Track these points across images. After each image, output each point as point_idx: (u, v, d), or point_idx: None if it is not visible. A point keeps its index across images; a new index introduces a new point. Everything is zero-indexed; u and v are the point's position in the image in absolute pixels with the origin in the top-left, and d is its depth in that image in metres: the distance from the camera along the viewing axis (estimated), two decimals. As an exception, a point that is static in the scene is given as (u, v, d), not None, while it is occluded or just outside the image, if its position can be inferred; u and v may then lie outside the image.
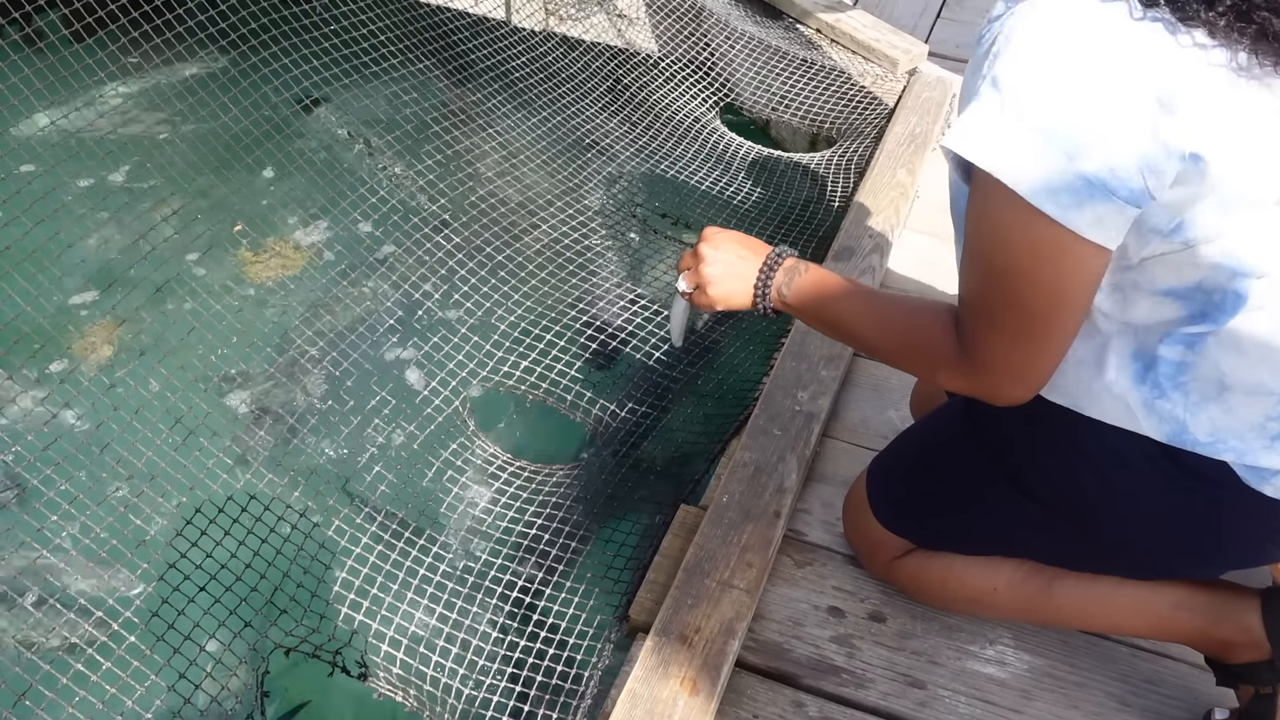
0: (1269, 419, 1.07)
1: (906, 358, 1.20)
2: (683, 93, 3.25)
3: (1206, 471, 1.11)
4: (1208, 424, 1.09)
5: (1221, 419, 1.08)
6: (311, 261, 2.28)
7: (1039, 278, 0.97)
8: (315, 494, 1.97)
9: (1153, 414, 1.11)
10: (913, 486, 1.51)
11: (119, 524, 1.69)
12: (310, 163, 2.71)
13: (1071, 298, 0.99)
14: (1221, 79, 0.89)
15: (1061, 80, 0.90)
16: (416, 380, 2.11)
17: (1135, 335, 1.10)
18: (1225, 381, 1.07)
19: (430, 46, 2.76)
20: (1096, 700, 1.49)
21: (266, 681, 1.68)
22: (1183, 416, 1.09)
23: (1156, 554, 1.28)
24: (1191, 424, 1.09)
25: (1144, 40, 0.88)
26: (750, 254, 1.31)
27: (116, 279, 2.35)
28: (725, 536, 1.63)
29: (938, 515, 1.46)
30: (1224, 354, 1.06)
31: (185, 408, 1.99)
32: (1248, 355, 1.05)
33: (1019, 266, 0.97)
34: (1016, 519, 1.34)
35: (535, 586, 1.73)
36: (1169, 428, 1.11)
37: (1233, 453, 1.09)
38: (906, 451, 1.56)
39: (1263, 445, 1.08)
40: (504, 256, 2.40)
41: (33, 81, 2.01)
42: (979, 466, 1.37)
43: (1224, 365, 1.06)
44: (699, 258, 1.33)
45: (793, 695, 1.50)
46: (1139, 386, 1.11)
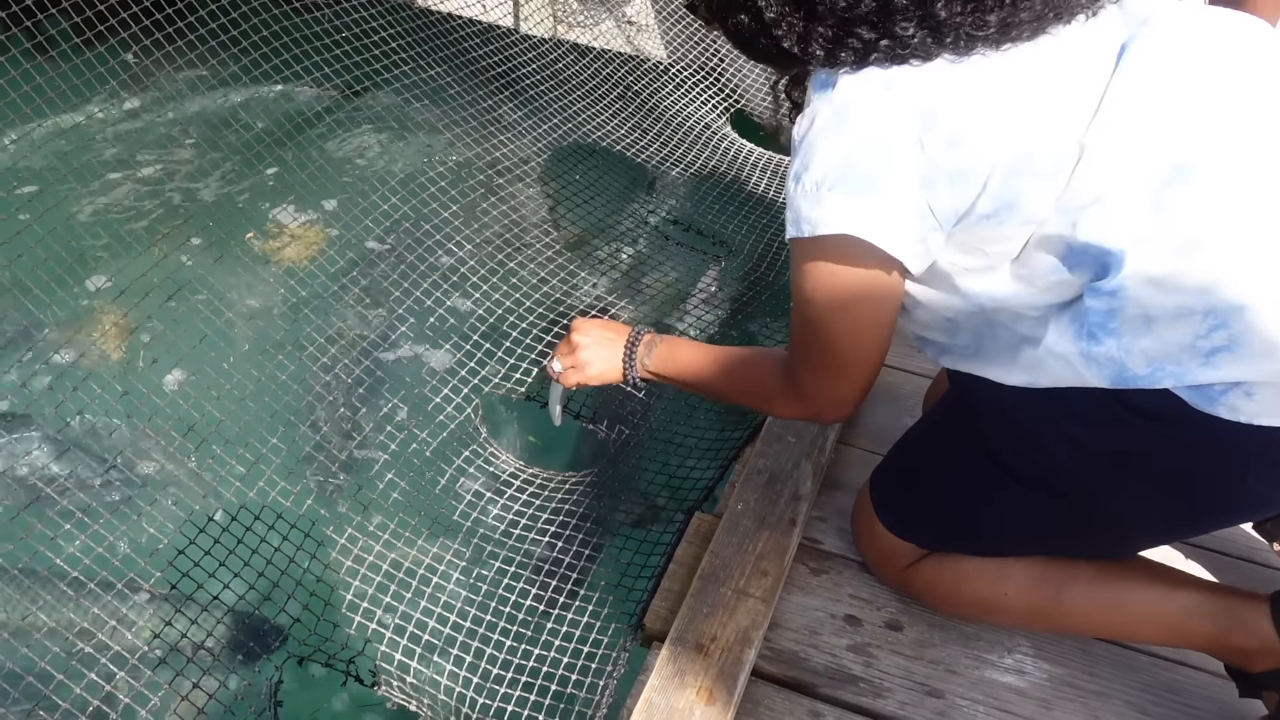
0: (1198, 338, 1.08)
1: (746, 397, 1.46)
2: (692, 99, 3.25)
3: (1152, 408, 1.13)
4: (1142, 356, 1.10)
5: (1154, 348, 1.10)
6: (323, 267, 2.28)
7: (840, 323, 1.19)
8: (327, 501, 1.97)
9: (1092, 362, 1.13)
10: (913, 488, 1.51)
11: (131, 532, 1.69)
12: (321, 169, 2.70)
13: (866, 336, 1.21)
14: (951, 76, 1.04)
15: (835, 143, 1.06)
16: (428, 387, 2.10)
17: (1064, 305, 1.16)
18: (1150, 314, 1.09)
19: (441, 54, 2.76)
20: (1117, 710, 1.48)
21: (280, 691, 1.67)
22: (1119, 356, 1.11)
23: (1143, 514, 1.28)
24: (1129, 360, 1.11)
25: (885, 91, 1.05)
26: (615, 336, 1.56)
27: (128, 286, 2.35)
28: (740, 544, 1.63)
29: (936, 512, 1.46)
30: (1141, 291, 1.08)
31: (197, 415, 1.99)
32: (1162, 285, 1.07)
33: (820, 317, 1.18)
34: (1013, 506, 1.35)
35: (549, 595, 1.72)
36: (1109, 370, 1.13)
37: (1171, 377, 1.10)
38: (901, 454, 1.57)
39: (1198, 364, 1.09)
40: (515, 263, 2.39)
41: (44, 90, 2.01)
42: (968, 458, 1.38)
43: (1145, 300, 1.08)
44: (572, 345, 1.58)
45: (810, 705, 1.49)
46: (1077, 342, 1.14)
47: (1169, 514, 1.27)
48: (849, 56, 1.05)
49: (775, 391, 1.36)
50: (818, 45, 1.07)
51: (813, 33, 1.06)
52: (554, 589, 1.73)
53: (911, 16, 1.01)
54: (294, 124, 2.47)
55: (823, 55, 1.07)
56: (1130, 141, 1.05)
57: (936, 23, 1.01)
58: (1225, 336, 1.07)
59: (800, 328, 1.24)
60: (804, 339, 1.25)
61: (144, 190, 2.90)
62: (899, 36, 1.02)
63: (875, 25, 1.03)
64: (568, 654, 1.62)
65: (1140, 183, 1.06)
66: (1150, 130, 1.06)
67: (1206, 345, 1.08)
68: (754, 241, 2.69)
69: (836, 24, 1.04)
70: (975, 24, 1.01)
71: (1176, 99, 1.07)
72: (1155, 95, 1.06)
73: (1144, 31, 1.09)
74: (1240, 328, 1.06)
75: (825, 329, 1.20)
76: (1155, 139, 1.06)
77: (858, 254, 1.11)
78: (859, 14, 1.03)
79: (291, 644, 1.70)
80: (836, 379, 1.26)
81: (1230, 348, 1.07)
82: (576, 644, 1.63)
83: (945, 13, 1.01)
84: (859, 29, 1.03)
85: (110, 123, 3.01)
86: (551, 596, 1.73)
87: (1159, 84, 1.07)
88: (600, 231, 2.60)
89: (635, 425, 2.11)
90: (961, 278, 1.19)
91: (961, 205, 1.09)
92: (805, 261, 1.15)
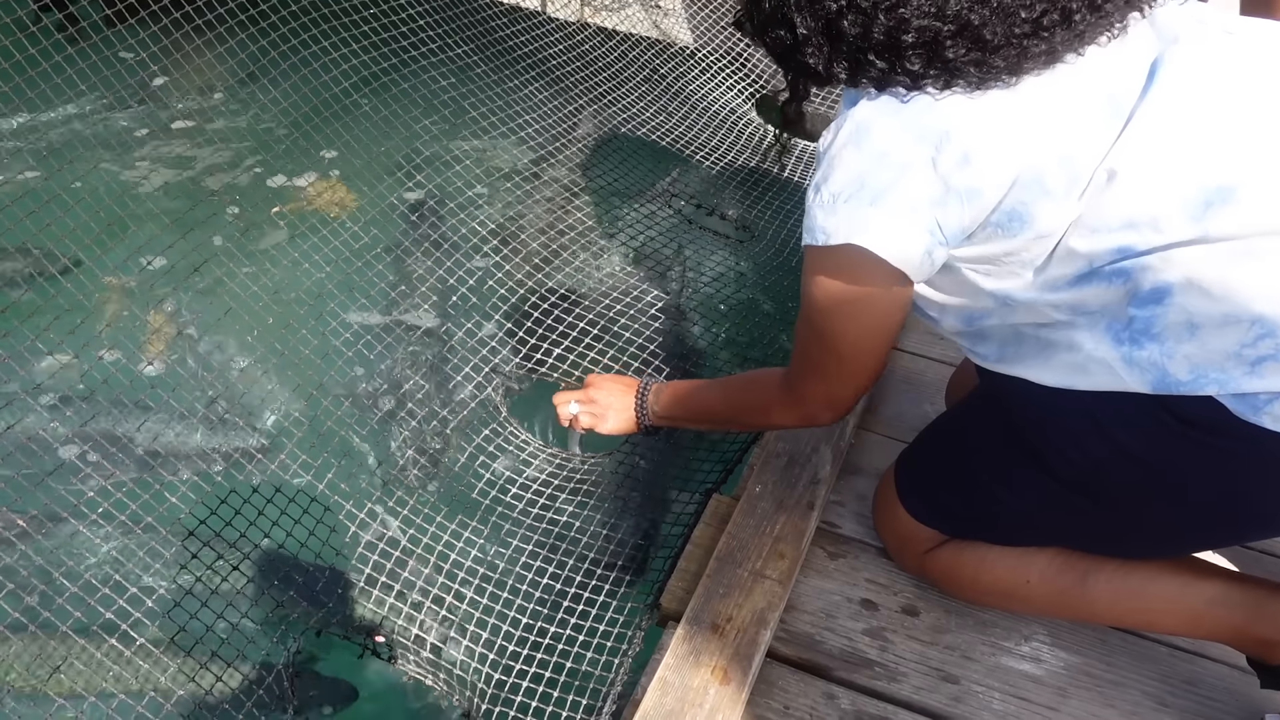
0: (1244, 346, 1.06)
1: (747, 414, 1.55)
2: (718, 83, 3.24)
3: (1203, 418, 1.11)
4: (1185, 362, 1.09)
5: (1198, 354, 1.09)
6: (346, 244, 2.28)
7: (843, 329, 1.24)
8: (347, 476, 1.98)
9: (1134, 367, 1.12)
10: (940, 476, 1.50)
11: (154, 502, 1.70)
12: (347, 146, 2.71)
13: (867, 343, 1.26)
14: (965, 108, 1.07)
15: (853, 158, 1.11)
16: (449, 365, 2.10)
17: (1104, 313, 1.15)
18: (1194, 321, 1.08)
19: (468, 33, 2.76)
20: (1133, 700, 1.47)
21: (297, 662, 1.68)
22: (1161, 361, 1.10)
23: (1182, 519, 1.26)
24: (1171, 366, 1.10)
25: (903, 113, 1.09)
26: (626, 390, 1.74)
27: (153, 260, 2.37)
28: (758, 526, 1.63)
29: (966, 504, 1.45)
30: (1186, 297, 1.07)
31: (221, 387, 2.00)
32: (1208, 294, 1.06)
33: (826, 322, 1.24)
34: (1043, 503, 1.33)
35: (565, 573, 1.72)
36: (1151, 375, 1.11)
37: (1215, 384, 1.08)
38: (932, 442, 1.56)
39: (1243, 372, 1.07)
40: (538, 244, 2.39)
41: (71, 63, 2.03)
42: (1003, 452, 1.36)
43: (1190, 307, 1.07)
44: (590, 399, 1.76)
45: (825, 687, 1.49)
46: (1118, 346, 1.13)
47: (1209, 521, 1.26)
48: (869, 81, 1.11)
49: (774, 401, 1.45)
50: (840, 68, 1.12)
51: (836, 56, 1.11)
52: (570, 568, 1.73)
53: (919, 55, 1.05)
54: (320, 99, 2.48)
55: (845, 77, 1.12)
56: (1165, 162, 1.06)
57: (944, 63, 1.05)
58: (1272, 345, 1.05)
59: (805, 333, 1.30)
60: (807, 344, 1.31)
61: (168, 165, 2.92)
62: (910, 71, 1.06)
63: (887, 59, 1.07)
64: (583, 632, 1.63)
65: (1178, 203, 1.06)
66: (1187, 150, 1.06)
67: (1253, 354, 1.06)
68: (777, 226, 2.68)
69: (853, 52, 1.09)
70: (982, 68, 1.05)
71: (1213, 117, 1.07)
72: (1190, 114, 1.07)
73: (1175, 50, 1.09)
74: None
75: (829, 334, 1.25)
76: (1192, 159, 1.06)
77: (865, 264, 1.14)
78: (871, 45, 1.07)
79: (310, 617, 1.72)
80: (834, 382, 1.33)
81: (1277, 357, 1.05)
82: (592, 622, 1.64)
83: (952, 55, 1.04)
84: (873, 58, 1.08)
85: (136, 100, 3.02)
86: (568, 575, 1.74)
87: (1193, 103, 1.07)
88: (623, 214, 2.60)
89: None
90: (986, 282, 1.20)
91: (972, 221, 1.12)
92: (816, 268, 1.20)
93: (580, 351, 2.13)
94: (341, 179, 2.91)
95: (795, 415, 1.43)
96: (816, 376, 1.34)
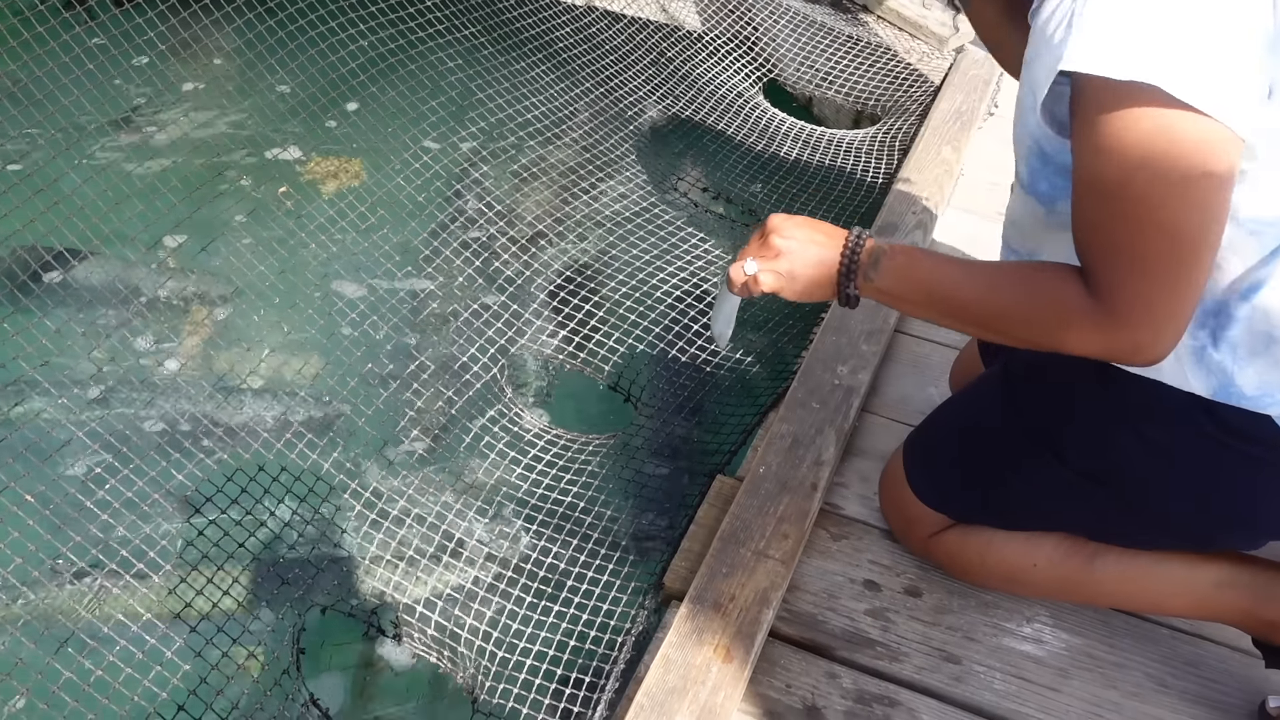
0: None
1: (1031, 325, 1.08)
2: (726, 68, 3.23)
3: (1247, 429, 1.09)
4: (1255, 377, 1.07)
5: (1270, 372, 1.06)
6: (353, 224, 2.29)
7: (1187, 193, 0.90)
8: (353, 456, 1.99)
9: (1201, 365, 1.08)
10: (950, 460, 1.50)
11: (160, 478, 1.71)
12: (354, 126, 2.72)
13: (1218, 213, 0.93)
14: None
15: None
16: (454, 347, 2.11)
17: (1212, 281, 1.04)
18: (1275, 335, 1.04)
19: (475, 14, 2.75)
20: (1135, 681, 1.48)
21: (302, 639, 1.69)
22: (1230, 369, 1.07)
23: (1197, 519, 1.25)
24: (1239, 376, 1.07)
25: None
26: (826, 239, 1.19)
27: (160, 239, 2.37)
28: (761, 507, 1.63)
29: (975, 488, 1.45)
30: (1276, 306, 1.03)
31: (227, 367, 2.01)
32: None
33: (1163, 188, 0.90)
34: (1054, 489, 1.33)
35: (570, 553, 1.73)
36: (1216, 380, 1.08)
37: (1279, 406, 1.07)
38: (943, 425, 1.55)
39: None
40: (545, 226, 2.39)
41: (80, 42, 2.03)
42: (1016, 437, 1.35)
43: (1275, 318, 1.04)
44: (770, 248, 1.20)
45: (827, 666, 1.49)
46: (1198, 332, 1.07)
47: (1229, 525, 1.26)
48: None
49: (1075, 314, 1.02)
50: None
51: None
52: (575, 547, 1.74)
53: None
54: (328, 79, 2.48)
55: None
56: None
57: None
58: None
59: (1119, 217, 0.95)
60: (1127, 231, 0.95)
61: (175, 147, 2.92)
62: None
63: None
64: (587, 610, 1.63)
65: None
66: None
67: None
68: (783, 210, 2.67)
69: None
70: None
71: None
72: None
73: None
74: None
75: (1168, 204, 0.91)
76: None
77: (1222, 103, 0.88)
78: None
79: (315, 594, 1.73)
80: (1173, 292, 0.95)
81: None
82: (596, 601, 1.65)
83: None
84: None
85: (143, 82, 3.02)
86: (573, 555, 1.74)
87: None
88: (629, 196, 2.60)
89: (660, 389, 2.11)
90: None
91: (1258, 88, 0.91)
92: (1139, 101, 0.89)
93: (585, 334, 2.13)
94: (348, 159, 2.90)
95: (1109, 339, 1.01)
96: (1151, 280, 0.95)
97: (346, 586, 1.72)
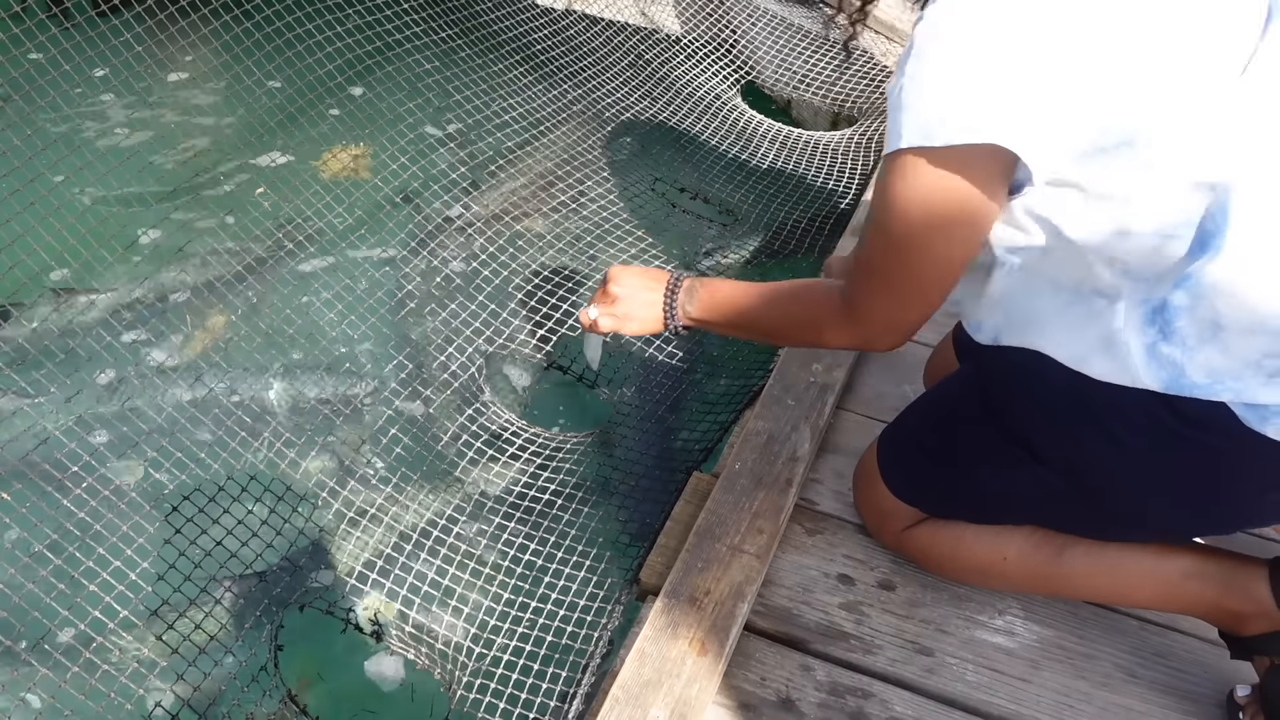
0: (1265, 356, 1.07)
1: (795, 330, 1.36)
2: (704, 70, 3.25)
3: (1205, 418, 1.11)
4: (1204, 365, 1.09)
5: (1218, 360, 1.08)
6: (331, 225, 2.30)
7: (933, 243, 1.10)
8: (331, 455, 1.99)
9: (1153, 359, 1.11)
10: (923, 454, 1.51)
11: (138, 479, 1.71)
12: (332, 129, 2.72)
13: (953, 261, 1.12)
14: None
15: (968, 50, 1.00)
16: (432, 345, 2.12)
17: (1146, 285, 1.11)
18: (1220, 322, 1.06)
19: (453, 16, 2.76)
20: (1104, 671, 1.49)
21: (280, 636, 1.70)
22: (1180, 360, 1.09)
23: (1163, 511, 1.27)
24: (1189, 367, 1.09)
25: None
26: (655, 283, 1.47)
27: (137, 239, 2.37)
28: (737, 503, 1.64)
29: (946, 482, 1.46)
30: (1218, 295, 1.05)
31: (205, 366, 2.01)
32: (1240, 294, 1.05)
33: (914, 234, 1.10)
34: (1024, 483, 1.34)
35: (547, 550, 1.74)
36: (1167, 373, 1.11)
37: (1230, 392, 1.08)
38: (917, 420, 1.56)
39: (1260, 383, 1.07)
40: (522, 226, 2.40)
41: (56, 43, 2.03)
42: (986, 431, 1.37)
43: (1219, 306, 1.06)
44: (609, 295, 1.48)
45: (801, 659, 1.51)
46: (1147, 329, 1.11)
47: (1192, 515, 1.27)
48: None
49: (830, 317, 1.27)
50: None
51: None
52: (552, 544, 1.75)
53: None
54: (305, 81, 2.48)
55: None
56: None
57: None
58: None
59: (881, 245, 1.15)
60: (883, 257, 1.16)
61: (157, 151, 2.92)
62: None
63: None
64: (564, 606, 1.64)
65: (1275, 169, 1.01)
66: None
67: (1272, 365, 1.07)
68: (760, 211, 2.69)
69: None
70: None
71: None
72: None
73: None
74: None
75: (913, 247, 1.11)
76: None
77: (975, 165, 1.03)
78: None
79: (293, 593, 1.73)
80: (905, 303, 1.18)
81: None
82: (573, 597, 1.66)
83: None
84: None
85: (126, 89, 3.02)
86: (550, 552, 1.75)
87: None
88: (608, 197, 2.61)
89: (637, 387, 2.12)
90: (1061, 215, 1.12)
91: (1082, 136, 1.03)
92: (911, 172, 1.06)
93: (563, 334, 2.14)
94: (326, 162, 2.91)
95: (852, 335, 1.26)
96: (887, 295, 1.18)
97: (324, 584, 1.73)
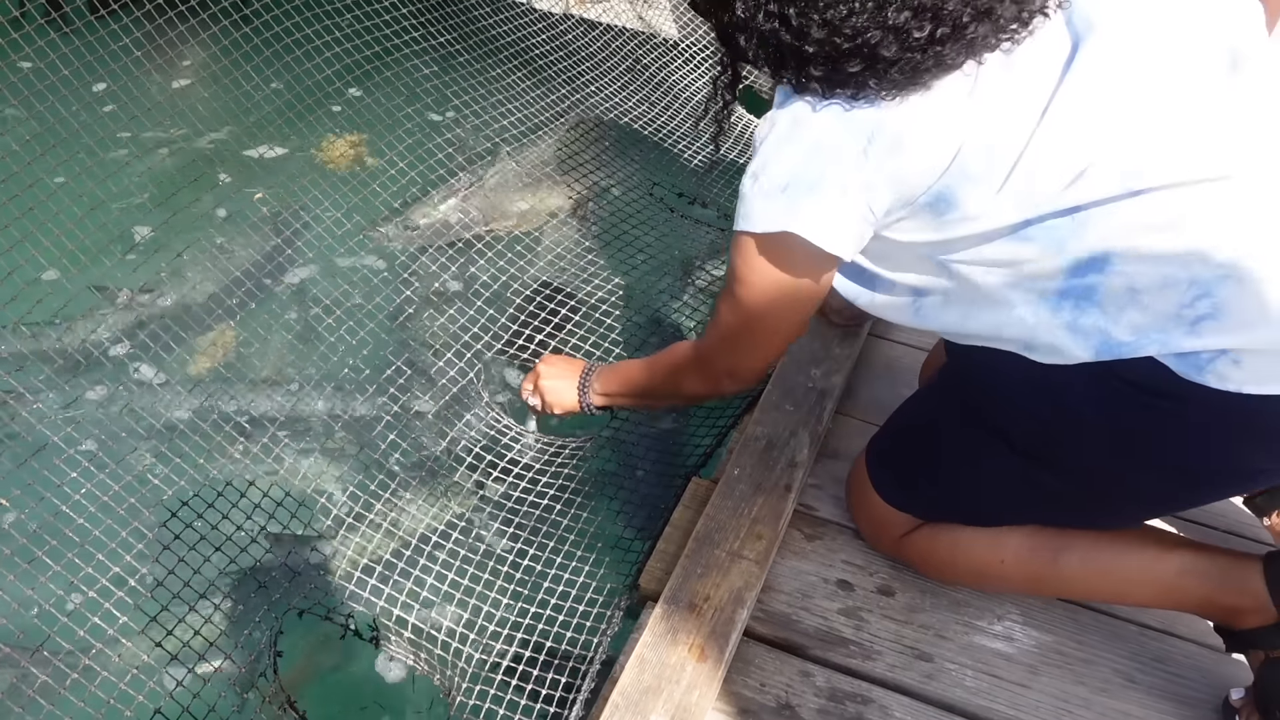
0: (1183, 306, 1.09)
1: (666, 386, 1.61)
2: (702, 74, 3.25)
3: (1149, 380, 1.13)
4: (1128, 325, 1.12)
5: (1140, 318, 1.12)
6: (329, 230, 2.30)
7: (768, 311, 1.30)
8: (330, 460, 1.99)
9: (1077, 333, 1.15)
10: (910, 459, 1.53)
11: (137, 483, 1.71)
12: (329, 134, 2.72)
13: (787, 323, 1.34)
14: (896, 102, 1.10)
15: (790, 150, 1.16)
16: (431, 350, 2.12)
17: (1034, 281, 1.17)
18: (1135, 286, 1.11)
19: (450, 21, 2.76)
20: (1103, 677, 1.50)
21: (279, 642, 1.69)
22: (1105, 327, 1.13)
23: (1144, 486, 1.29)
24: (1114, 330, 1.13)
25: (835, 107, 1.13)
26: (572, 372, 1.80)
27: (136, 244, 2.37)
28: (736, 508, 1.64)
29: (934, 484, 1.48)
30: (1125, 264, 1.10)
31: (203, 372, 2.01)
32: (1144, 258, 1.09)
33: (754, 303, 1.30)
34: (1010, 479, 1.36)
35: (546, 555, 1.74)
36: (1095, 341, 1.14)
37: (1156, 344, 1.11)
38: (901, 426, 1.58)
39: (1183, 332, 1.10)
40: (520, 230, 2.40)
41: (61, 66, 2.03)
42: (966, 432, 1.39)
43: (1129, 272, 1.10)
44: (537, 381, 1.84)
45: (800, 665, 1.51)
46: (1058, 313, 1.16)
47: (1163, 485, 1.28)
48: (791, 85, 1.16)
49: (685, 371, 1.53)
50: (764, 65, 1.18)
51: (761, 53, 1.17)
52: (551, 550, 1.75)
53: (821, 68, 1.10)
54: (303, 86, 2.48)
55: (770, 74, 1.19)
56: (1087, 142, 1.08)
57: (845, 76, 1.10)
58: (1210, 305, 1.08)
59: (728, 310, 1.35)
60: (729, 320, 1.37)
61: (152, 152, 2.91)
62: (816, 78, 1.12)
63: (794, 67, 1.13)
64: (564, 612, 1.64)
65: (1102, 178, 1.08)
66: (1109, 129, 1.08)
67: (1191, 314, 1.09)
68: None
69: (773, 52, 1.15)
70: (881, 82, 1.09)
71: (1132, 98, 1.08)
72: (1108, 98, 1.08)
73: (1091, 38, 1.09)
74: (1225, 295, 1.07)
75: (753, 314, 1.32)
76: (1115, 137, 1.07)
77: (798, 250, 1.20)
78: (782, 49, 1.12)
79: (292, 598, 1.73)
80: (746, 356, 1.41)
81: (1215, 315, 1.08)
82: (572, 602, 1.66)
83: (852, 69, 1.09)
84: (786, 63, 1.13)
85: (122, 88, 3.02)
86: (549, 557, 1.75)
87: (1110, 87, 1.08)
88: (605, 201, 2.61)
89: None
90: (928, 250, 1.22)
91: (902, 203, 1.16)
92: (749, 252, 1.25)
93: (561, 338, 2.14)
94: (324, 165, 2.91)
95: (703, 385, 1.52)
96: (730, 350, 1.41)
97: (323, 590, 1.72)
